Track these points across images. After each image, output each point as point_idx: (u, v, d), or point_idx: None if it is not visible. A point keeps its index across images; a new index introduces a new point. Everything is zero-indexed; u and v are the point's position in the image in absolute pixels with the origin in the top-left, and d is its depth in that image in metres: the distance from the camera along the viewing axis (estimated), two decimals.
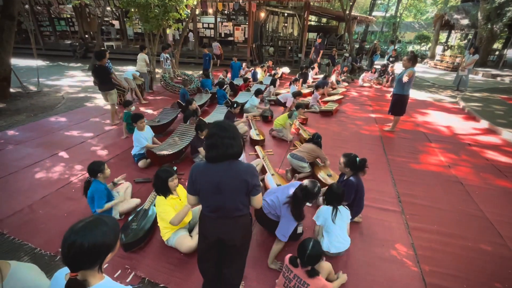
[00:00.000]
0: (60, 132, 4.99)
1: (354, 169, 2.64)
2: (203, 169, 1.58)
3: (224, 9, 13.89)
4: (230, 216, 1.61)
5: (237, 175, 1.54)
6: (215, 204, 1.59)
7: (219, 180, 1.53)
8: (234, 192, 1.55)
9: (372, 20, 18.81)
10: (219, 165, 1.54)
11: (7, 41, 6.57)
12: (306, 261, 1.81)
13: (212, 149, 1.53)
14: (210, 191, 1.56)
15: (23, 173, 3.62)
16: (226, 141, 1.50)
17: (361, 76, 10.37)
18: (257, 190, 1.60)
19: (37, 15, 17.64)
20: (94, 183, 2.62)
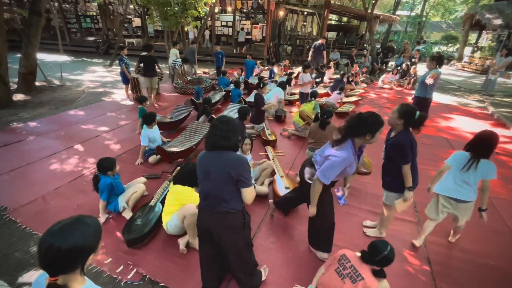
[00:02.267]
0: (78, 125, 5.15)
1: (409, 122, 2.12)
2: (201, 156, 1.72)
3: (242, 7, 13.85)
4: (218, 208, 1.66)
5: (222, 164, 1.62)
6: (206, 191, 1.69)
7: (208, 167, 1.65)
8: (219, 181, 1.62)
9: (395, 19, 18.06)
10: (211, 153, 1.67)
11: (34, 36, 6.87)
12: (378, 261, 1.61)
13: (208, 137, 1.68)
14: (202, 177, 1.69)
15: (39, 164, 3.75)
16: (221, 133, 1.61)
17: (381, 77, 9.98)
18: (244, 182, 1.62)
19: (65, 12, 18.47)
20: (102, 178, 2.67)
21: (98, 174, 2.71)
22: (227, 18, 17.97)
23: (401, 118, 2.13)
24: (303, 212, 2.98)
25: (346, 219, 2.92)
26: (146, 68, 6.29)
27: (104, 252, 2.39)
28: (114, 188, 2.72)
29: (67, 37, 16.15)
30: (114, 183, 2.72)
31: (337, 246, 2.40)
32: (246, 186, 1.63)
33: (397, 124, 2.16)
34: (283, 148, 4.54)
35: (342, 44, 17.41)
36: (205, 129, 4.35)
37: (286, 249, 2.53)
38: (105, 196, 2.65)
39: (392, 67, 11.25)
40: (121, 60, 6.37)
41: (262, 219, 2.88)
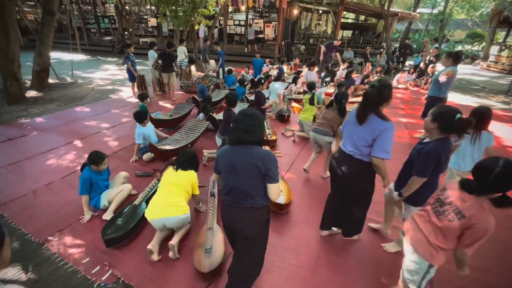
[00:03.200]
0: (81, 121, 5.22)
1: (444, 127, 1.77)
2: (225, 151, 1.67)
3: (254, 5, 13.70)
4: (242, 203, 1.61)
5: (250, 157, 1.56)
6: (230, 185, 1.63)
7: (234, 161, 1.59)
8: (246, 174, 1.57)
9: (415, 16, 17.25)
10: (237, 147, 1.62)
11: (47, 35, 7.08)
12: (492, 184, 1.28)
13: (232, 132, 1.63)
14: (226, 171, 1.64)
15: (37, 158, 3.79)
16: (246, 127, 1.57)
17: (396, 77, 9.49)
18: (272, 178, 1.56)
19: (85, 13, 19.16)
20: (85, 169, 2.66)
21: (86, 163, 2.70)
22: (240, 17, 17.90)
23: (434, 121, 1.82)
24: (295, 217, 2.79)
25: None
26: (165, 64, 6.53)
27: (83, 251, 2.32)
28: (94, 184, 2.66)
29: (85, 37, 16.71)
30: (93, 179, 2.66)
31: None
32: (273, 182, 1.58)
33: (431, 128, 1.85)
34: (283, 149, 4.35)
35: (358, 43, 16.85)
36: (202, 128, 4.24)
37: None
38: (82, 190, 2.60)
39: (410, 66, 10.67)
40: (127, 58, 6.42)
41: None
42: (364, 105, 1.95)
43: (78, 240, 2.43)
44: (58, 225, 2.59)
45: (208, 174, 3.51)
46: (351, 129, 2.05)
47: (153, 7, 18.20)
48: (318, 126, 3.31)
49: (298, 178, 3.55)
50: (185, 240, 2.45)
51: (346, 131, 2.12)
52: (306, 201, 3.07)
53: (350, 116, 2.11)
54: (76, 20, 17.21)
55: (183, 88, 7.64)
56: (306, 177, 3.58)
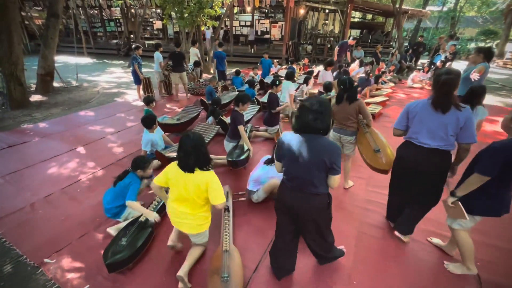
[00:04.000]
0: (85, 126, 4.99)
1: None
2: (289, 137, 1.65)
3: (261, 5, 13.46)
4: (304, 190, 1.64)
5: (317, 150, 1.54)
6: (293, 174, 1.64)
7: (299, 150, 1.57)
8: (310, 166, 1.56)
9: (426, 14, 16.76)
10: (303, 136, 1.59)
11: (51, 38, 6.93)
12: None
13: (298, 119, 1.59)
14: (290, 159, 1.62)
15: (38, 167, 3.55)
16: (314, 115, 1.52)
17: (411, 76, 9.10)
18: (336, 170, 1.57)
19: (92, 17, 19.23)
20: (131, 175, 2.53)
21: (128, 170, 2.58)
22: (246, 18, 17.69)
23: None
24: None
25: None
26: (176, 64, 6.50)
27: (82, 276, 2.05)
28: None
29: (91, 41, 16.70)
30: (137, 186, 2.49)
31: None
32: (337, 174, 1.60)
33: (509, 127, 1.74)
34: None
35: (366, 42, 16.47)
36: (212, 132, 3.96)
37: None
38: (135, 197, 2.41)
39: (425, 64, 10.23)
40: (134, 59, 6.21)
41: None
42: (446, 94, 1.86)
43: (77, 263, 2.16)
44: (56, 244, 2.33)
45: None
46: (426, 120, 1.94)
47: (159, 9, 18.18)
48: (341, 127, 2.94)
49: None
50: (198, 264, 2.15)
51: (417, 123, 1.99)
52: None
53: (418, 107, 1.99)
54: (83, 24, 17.21)
55: (190, 90, 7.39)
56: None
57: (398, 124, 2.17)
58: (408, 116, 2.07)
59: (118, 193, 2.46)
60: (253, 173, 2.84)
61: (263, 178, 2.74)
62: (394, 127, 2.21)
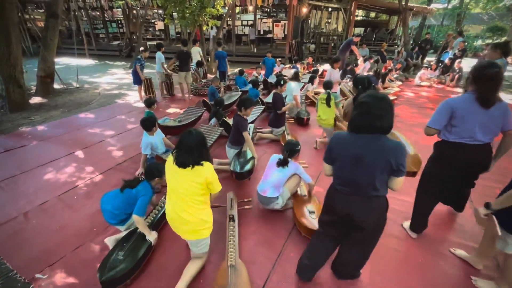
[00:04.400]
0: (85, 129, 4.85)
1: None
2: (344, 138, 1.53)
3: (263, 4, 13.29)
4: (364, 194, 1.51)
5: (382, 151, 1.42)
6: (350, 177, 1.52)
7: (360, 152, 1.44)
8: (374, 169, 1.44)
9: (431, 11, 16.45)
10: (363, 137, 1.45)
11: (51, 39, 6.81)
12: None
13: (359, 118, 1.44)
14: (347, 162, 1.50)
15: (34, 173, 3.41)
16: (376, 112, 1.39)
17: (418, 74, 8.85)
18: (402, 172, 1.44)
19: (95, 19, 19.21)
20: (145, 185, 2.25)
21: (141, 179, 2.31)
22: (248, 18, 17.52)
23: None
24: None
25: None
26: (183, 63, 6.51)
27: None
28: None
29: (93, 42, 16.65)
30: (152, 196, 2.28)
31: None
32: (402, 175, 1.46)
33: None
34: (306, 158, 3.84)
35: (370, 40, 16.20)
36: (215, 135, 3.79)
37: None
38: (144, 212, 2.15)
39: (431, 62, 9.98)
40: (138, 60, 6.08)
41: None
42: (493, 88, 1.78)
43: (71, 278, 2.00)
44: (49, 257, 2.17)
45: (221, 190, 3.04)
46: (475, 116, 1.84)
47: (160, 10, 18.08)
48: None
49: None
50: (201, 278, 1.98)
51: (468, 120, 1.87)
52: None
53: (462, 104, 1.88)
54: (85, 25, 17.17)
55: (192, 91, 7.24)
56: None
57: (435, 123, 1.97)
58: (452, 114, 1.90)
59: (127, 201, 2.22)
60: (269, 177, 2.52)
61: (283, 181, 2.52)
62: (429, 126, 2.01)
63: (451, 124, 1.92)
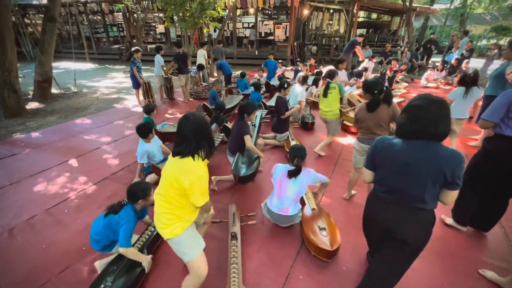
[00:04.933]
0: (80, 135, 4.66)
1: None
2: (390, 144, 1.41)
3: (264, 6, 13.15)
4: (409, 205, 1.38)
5: (435, 160, 1.28)
6: (395, 186, 1.40)
7: (409, 160, 1.33)
8: (424, 180, 1.31)
9: (435, 11, 16.28)
10: (413, 143, 1.34)
11: (48, 43, 6.66)
12: None
13: (409, 122, 1.34)
14: (393, 169, 1.39)
15: (24, 184, 3.21)
16: (429, 116, 1.28)
17: (424, 75, 8.63)
18: (457, 185, 1.28)
19: (96, 23, 19.19)
20: (127, 210, 1.94)
21: (124, 203, 1.99)
22: (249, 20, 17.41)
23: None
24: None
25: None
26: (181, 65, 6.40)
27: None
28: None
29: (93, 46, 16.59)
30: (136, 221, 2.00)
31: None
32: (457, 189, 1.30)
33: None
34: (311, 165, 3.62)
35: (372, 41, 16.01)
36: (216, 141, 3.58)
37: None
38: (129, 242, 1.89)
39: (436, 63, 9.76)
40: (133, 63, 5.89)
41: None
42: None
43: None
44: (33, 281, 1.96)
45: (222, 202, 2.83)
46: None
47: (161, 14, 18.02)
48: (371, 136, 2.47)
49: (338, 205, 2.82)
50: None
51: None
52: (353, 239, 2.32)
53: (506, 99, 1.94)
54: (86, 29, 17.14)
55: (193, 95, 7.05)
56: (347, 204, 2.84)
57: (492, 116, 1.98)
58: (510, 107, 1.89)
59: (109, 227, 1.98)
60: (286, 192, 2.20)
61: (303, 192, 2.27)
62: (484, 119, 2.01)
63: (509, 117, 1.90)
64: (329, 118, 3.73)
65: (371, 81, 2.42)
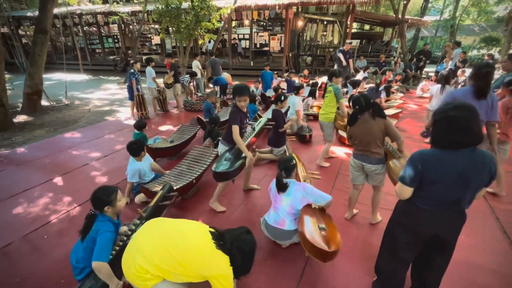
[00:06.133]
0: (69, 150, 4.46)
1: None
2: (437, 157, 1.37)
3: (259, 18, 13.29)
4: (457, 210, 1.43)
5: (483, 165, 1.31)
6: (450, 198, 1.39)
7: (463, 170, 1.32)
8: (477, 185, 1.35)
9: (425, 23, 16.65)
10: (460, 152, 1.33)
11: (39, 55, 6.53)
12: None
13: (453, 133, 1.32)
14: (448, 182, 1.35)
15: (2, 206, 2.98)
16: (470, 124, 1.29)
17: (420, 86, 8.66)
18: (490, 183, 1.37)
19: (91, 34, 19.18)
20: (99, 219, 1.80)
21: (94, 213, 1.83)
22: (244, 31, 17.58)
23: None
24: None
25: None
26: (177, 75, 6.75)
27: None
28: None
29: (88, 57, 16.50)
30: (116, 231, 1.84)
31: None
32: (491, 183, 1.39)
33: None
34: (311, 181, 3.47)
35: (366, 51, 16.24)
36: (210, 157, 3.41)
37: None
38: (107, 255, 1.71)
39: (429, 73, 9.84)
40: (132, 74, 5.77)
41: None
42: (487, 84, 2.34)
43: None
44: None
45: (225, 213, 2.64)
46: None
47: (157, 25, 18.12)
48: (363, 153, 2.38)
49: (339, 226, 2.65)
50: None
51: None
52: (359, 265, 2.15)
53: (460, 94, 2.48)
54: (81, 41, 17.09)
55: (186, 106, 6.92)
56: (349, 225, 2.68)
57: None
58: (452, 100, 2.26)
59: (89, 248, 1.79)
60: (280, 203, 2.17)
61: (298, 206, 2.14)
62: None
63: None
64: (322, 120, 3.71)
65: (355, 96, 2.40)
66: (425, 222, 1.49)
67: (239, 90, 2.64)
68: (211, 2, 8.68)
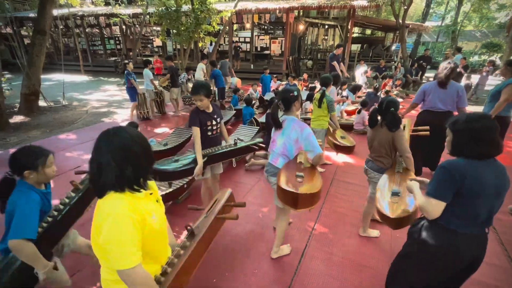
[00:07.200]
0: (62, 152, 4.42)
1: None
2: (473, 167, 1.25)
3: (260, 21, 13.34)
4: (489, 226, 1.35)
5: (505, 175, 1.29)
6: (488, 213, 1.29)
7: (496, 181, 1.26)
8: (503, 196, 1.30)
9: (427, 28, 16.65)
10: (488, 163, 1.28)
11: (37, 55, 6.53)
12: None
13: (483, 144, 1.25)
14: (490, 193, 1.25)
15: None
16: (494, 135, 1.26)
17: None
18: None
19: (92, 36, 19.30)
20: (18, 186, 1.43)
21: (12, 177, 1.45)
22: (245, 34, 17.63)
23: None
24: None
25: None
26: (174, 78, 6.60)
27: None
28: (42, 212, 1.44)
29: (89, 58, 16.57)
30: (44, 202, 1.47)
31: None
32: None
33: None
34: None
35: (367, 56, 16.25)
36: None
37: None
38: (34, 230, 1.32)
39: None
40: (128, 75, 5.77)
41: None
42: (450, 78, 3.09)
43: None
44: None
45: None
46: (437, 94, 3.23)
47: (158, 28, 18.21)
48: (369, 156, 2.36)
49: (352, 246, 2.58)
50: None
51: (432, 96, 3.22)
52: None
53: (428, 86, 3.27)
54: (82, 42, 17.19)
55: (185, 102, 7.00)
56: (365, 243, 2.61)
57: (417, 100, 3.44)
58: (424, 93, 3.30)
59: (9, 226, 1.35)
60: (275, 146, 2.09)
61: (292, 147, 2.02)
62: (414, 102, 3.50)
63: (423, 100, 3.33)
64: (314, 127, 3.51)
65: (390, 98, 2.20)
66: (463, 247, 1.33)
67: (193, 89, 2.29)
68: (211, 6, 8.70)
